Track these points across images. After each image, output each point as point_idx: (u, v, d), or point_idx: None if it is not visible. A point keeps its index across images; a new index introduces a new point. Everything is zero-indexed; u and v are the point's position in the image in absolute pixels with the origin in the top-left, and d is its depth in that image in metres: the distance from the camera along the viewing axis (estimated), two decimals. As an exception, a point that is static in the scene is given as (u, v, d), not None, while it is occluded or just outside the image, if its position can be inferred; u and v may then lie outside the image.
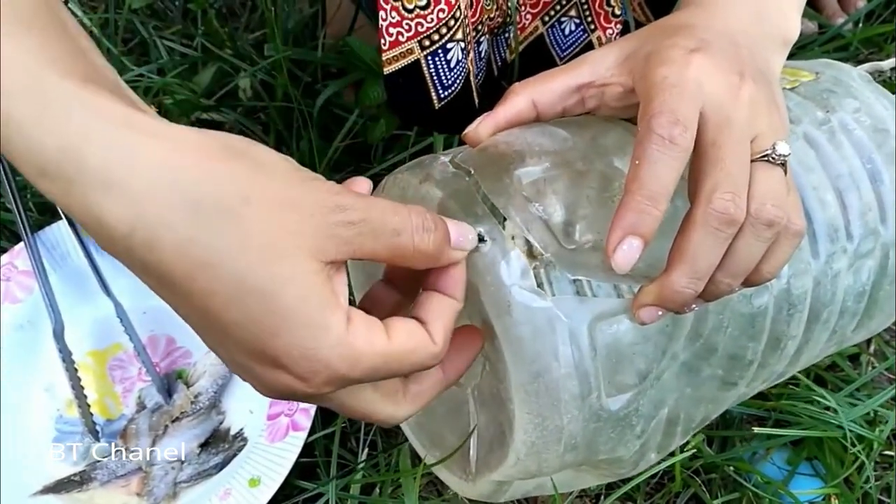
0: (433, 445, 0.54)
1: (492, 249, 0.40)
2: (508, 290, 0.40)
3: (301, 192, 0.31)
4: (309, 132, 0.70)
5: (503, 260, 0.40)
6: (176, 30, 0.80)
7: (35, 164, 0.29)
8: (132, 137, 0.29)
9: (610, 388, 0.42)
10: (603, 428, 0.43)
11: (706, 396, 0.48)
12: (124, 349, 0.64)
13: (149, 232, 0.29)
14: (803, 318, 0.49)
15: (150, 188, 0.29)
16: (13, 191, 0.62)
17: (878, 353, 0.66)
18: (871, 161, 0.50)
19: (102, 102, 0.29)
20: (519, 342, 0.40)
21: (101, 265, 0.64)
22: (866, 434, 0.58)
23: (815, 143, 0.49)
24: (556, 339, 0.40)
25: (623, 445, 0.45)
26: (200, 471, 0.59)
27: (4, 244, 0.67)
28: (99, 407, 0.62)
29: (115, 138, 0.29)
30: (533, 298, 0.40)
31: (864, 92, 0.53)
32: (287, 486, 0.56)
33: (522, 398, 0.41)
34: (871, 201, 0.50)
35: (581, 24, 0.66)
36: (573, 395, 0.41)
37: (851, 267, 0.50)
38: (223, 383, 0.62)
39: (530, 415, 0.42)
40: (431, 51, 0.54)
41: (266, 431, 0.58)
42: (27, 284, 0.63)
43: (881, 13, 0.83)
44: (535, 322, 0.40)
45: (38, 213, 0.69)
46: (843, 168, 0.49)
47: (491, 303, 0.41)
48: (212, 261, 0.29)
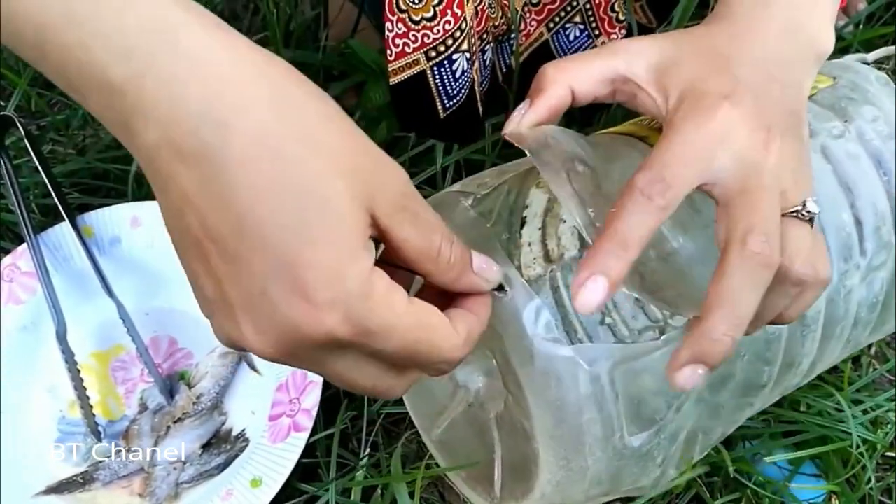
0: (460, 469, 0.55)
1: (513, 299, 0.41)
2: (531, 341, 0.41)
3: (381, 154, 0.33)
4: (311, 134, 0.70)
5: (524, 310, 0.41)
6: (178, 32, 0.80)
7: (118, 45, 0.29)
8: (226, 33, 0.30)
9: (632, 427, 0.43)
10: (626, 464, 0.44)
11: (723, 417, 0.48)
12: (127, 350, 0.64)
13: (224, 113, 0.29)
14: (817, 336, 0.49)
15: (237, 72, 0.29)
16: (16, 192, 0.63)
17: (879, 355, 0.66)
18: (887, 172, 0.49)
19: (196, 5, 0.30)
20: (543, 390, 0.41)
21: (104, 267, 0.64)
22: (871, 437, 0.58)
23: (831, 156, 0.49)
24: (579, 387, 0.41)
25: (645, 476, 0.46)
26: (202, 471, 0.59)
27: (7, 245, 0.67)
28: (101, 408, 0.62)
29: (209, 30, 0.30)
30: (555, 348, 0.41)
31: (881, 97, 0.52)
32: (289, 487, 0.56)
33: (547, 442, 0.42)
34: (886, 214, 0.49)
35: (586, 29, 0.66)
36: (597, 438, 0.42)
37: (864, 280, 0.49)
38: (225, 384, 0.62)
39: (555, 457, 0.43)
40: (437, 62, 0.55)
41: (268, 432, 0.59)
42: (30, 286, 0.63)
43: (882, 15, 0.83)
44: (558, 371, 0.41)
45: (41, 214, 0.69)
46: (860, 181, 0.49)
47: (514, 351, 0.42)
48: (282, 154, 0.29)
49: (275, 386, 0.61)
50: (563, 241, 0.59)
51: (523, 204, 0.56)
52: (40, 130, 0.75)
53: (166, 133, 0.29)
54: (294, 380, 0.60)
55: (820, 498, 0.58)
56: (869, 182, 0.49)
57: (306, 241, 0.30)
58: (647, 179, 0.35)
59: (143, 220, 0.65)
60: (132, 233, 0.65)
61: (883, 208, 0.49)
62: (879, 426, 0.60)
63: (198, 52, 0.29)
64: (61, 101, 0.78)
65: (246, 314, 0.31)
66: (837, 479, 0.57)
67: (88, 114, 0.73)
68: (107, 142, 0.74)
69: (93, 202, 0.69)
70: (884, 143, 0.50)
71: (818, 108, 0.51)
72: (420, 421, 0.58)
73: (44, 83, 0.79)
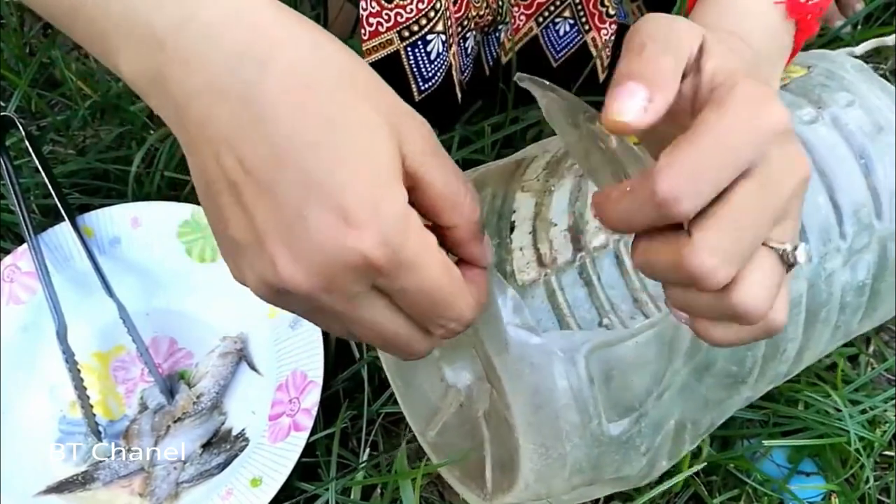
0: (453, 465, 0.55)
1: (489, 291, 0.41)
2: (504, 329, 0.41)
3: (408, 106, 0.34)
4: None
5: (498, 299, 0.41)
6: (178, 33, 0.81)
7: None
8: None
9: (611, 413, 0.43)
10: (606, 452, 0.44)
11: (711, 404, 0.49)
12: (127, 350, 0.64)
13: (262, 52, 0.30)
14: (800, 320, 0.49)
15: (276, 17, 0.31)
16: (17, 193, 0.63)
17: (878, 354, 0.66)
18: (864, 155, 0.49)
19: None
20: (518, 377, 0.41)
21: (104, 267, 0.64)
22: (870, 436, 0.58)
23: (805, 142, 0.49)
24: (554, 373, 0.41)
25: (628, 465, 0.46)
26: (202, 471, 0.59)
27: (8, 246, 0.67)
28: (102, 408, 0.62)
29: None
30: (528, 336, 0.41)
31: (857, 83, 0.52)
32: (289, 486, 0.56)
33: (525, 430, 0.43)
34: (865, 197, 0.49)
35: (576, 24, 0.66)
36: (574, 425, 0.42)
37: (847, 263, 0.49)
38: (225, 384, 0.62)
39: (534, 445, 0.43)
40: (411, 42, 0.54)
41: (268, 432, 0.59)
42: (30, 286, 0.63)
43: (879, 15, 0.83)
44: (532, 358, 0.41)
45: (42, 215, 0.69)
46: (836, 166, 0.49)
47: (489, 340, 0.42)
48: (318, 86, 0.31)
49: (275, 386, 0.61)
50: (556, 245, 0.60)
51: (510, 209, 0.56)
52: (41, 131, 0.75)
53: (207, 76, 0.30)
54: (294, 380, 0.60)
55: (818, 496, 0.58)
56: (845, 166, 0.49)
57: (344, 165, 0.30)
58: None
59: (144, 220, 0.66)
60: (132, 233, 0.65)
61: (861, 192, 0.49)
62: (878, 425, 0.60)
63: (245, 2, 0.31)
64: (61, 101, 0.78)
65: (281, 243, 0.31)
66: (836, 477, 0.57)
67: (89, 114, 0.74)
68: (107, 142, 0.74)
69: (93, 202, 0.69)
70: (860, 126, 0.50)
71: (791, 96, 0.51)
72: (415, 423, 0.58)
73: (44, 84, 0.79)
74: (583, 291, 0.56)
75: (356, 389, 0.62)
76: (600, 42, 0.67)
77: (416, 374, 0.57)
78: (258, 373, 0.63)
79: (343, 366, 0.63)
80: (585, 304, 0.59)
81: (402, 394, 0.58)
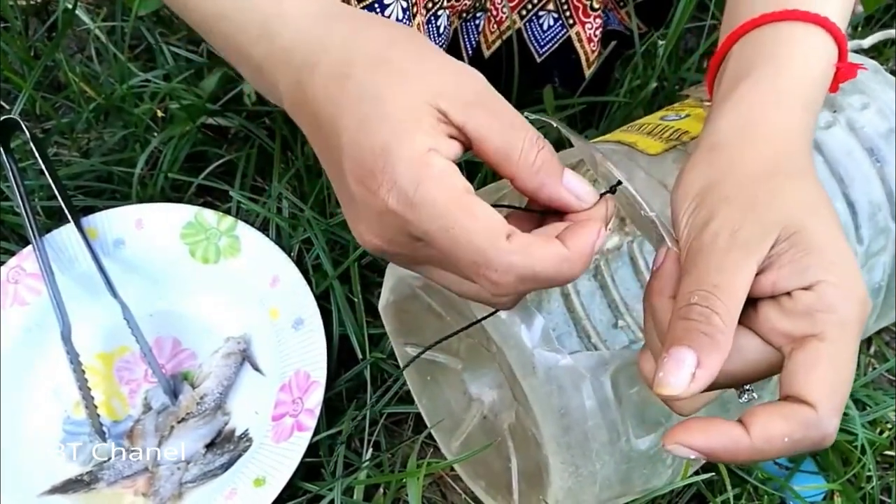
0: (478, 475, 0.55)
1: (510, 314, 0.42)
2: (531, 353, 0.41)
3: (454, 62, 0.37)
4: (313, 136, 0.71)
5: (524, 324, 0.42)
6: (181, 36, 0.81)
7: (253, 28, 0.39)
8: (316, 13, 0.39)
9: (638, 430, 0.44)
10: (635, 467, 0.44)
11: (731, 412, 0.49)
12: (131, 351, 0.64)
13: (309, 57, 0.37)
14: None
15: (313, 31, 0.38)
16: (22, 195, 0.63)
17: (878, 355, 0.66)
18: (880, 158, 0.50)
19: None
20: (547, 399, 0.42)
21: (108, 268, 0.64)
22: (874, 438, 0.58)
23: (822, 147, 0.49)
24: (581, 394, 0.42)
25: (656, 477, 0.46)
26: (206, 471, 0.59)
27: (13, 247, 0.68)
28: (106, 408, 0.62)
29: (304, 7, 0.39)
30: (555, 359, 0.41)
31: (871, 84, 0.52)
32: (292, 486, 0.57)
33: (555, 450, 0.43)
34: (881, 200, 0.49)
35: (559, 18, 0.66)
36: (603, 443, 0.42)
37: (864, 266, 0.49)
38: (228, 385, 0.62)
39: (564, 464, 0.43)
40: (367, 4, 0.53)
41: (271, 432, 0.59)
42: (35, 287, 0.64)
43: (880, 17, 0.83)
44: (560, 380, 0.41)
45: (46, 216, 0.70)
46: (852, 170, 0.49)
47: (517, 364, 0.42)
48: (349, 76, 0.35)
49: (278, 386, 0.61)
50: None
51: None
52: (45, 133, 0.76)
53: (285, 88, 0.39)
54: (297, 380, 0.60)
55: (819, 496, 0.58)
56: (862, 170, 0.49)
57: (364, 132, 0.34)
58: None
59: (147, 222, 0.66)
60: (136, 234, 0.66)
61: (877, 195, 0.49)
62: (878, 425, 0.61)
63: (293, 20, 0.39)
64: (66, 104, 0.78)
65: (349, 214, 0.37)
66: (837, 477, 0.58)
67: (93, 117, 0.74)
68: (111, 145, 0.74)
69: (97, 204, 0.70)
70: (875, 128, 0.50)
71: None
72: (440, 435, 0.58)
73: (48, 87, 0.80)
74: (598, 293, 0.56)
75: (359, 390, 0.63)
76: (584, 37, 0.66)
77: (440, 387, 0.57)
78: (261, 373, 0.63)
79: (346, 366, 0.63)
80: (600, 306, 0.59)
81: (425, 405, 0.59)
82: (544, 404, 0.42)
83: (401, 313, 0.54)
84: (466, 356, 0.55)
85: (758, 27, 0.42)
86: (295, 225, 0.68)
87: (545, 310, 0.58)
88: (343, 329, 0.63)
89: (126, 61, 0.76)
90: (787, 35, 0.41)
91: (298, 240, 0.67)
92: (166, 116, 0.75)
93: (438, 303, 0.49)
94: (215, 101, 0.75)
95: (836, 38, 0.42)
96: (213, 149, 0.74)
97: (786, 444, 0.31)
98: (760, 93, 0.39)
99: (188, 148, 0.72)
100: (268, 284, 0.64)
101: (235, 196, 0.69)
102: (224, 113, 0.75)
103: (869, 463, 0.57)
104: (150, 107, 0.74)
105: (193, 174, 0.71)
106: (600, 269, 0.59)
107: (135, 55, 0.82)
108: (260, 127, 0.75)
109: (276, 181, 0.70)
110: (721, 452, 0.31)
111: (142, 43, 0.82)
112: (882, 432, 0.60)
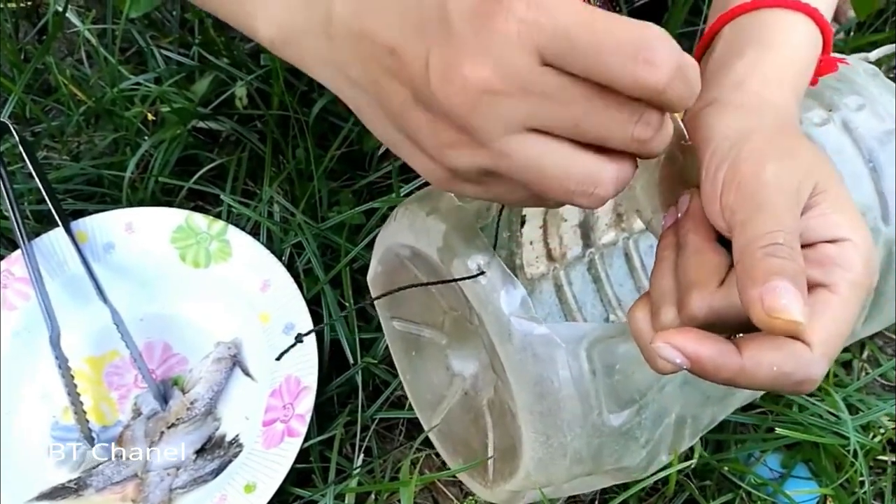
0: (457, 453, 0.55)
1: (490, 281, 0.42)
2: (508, 320, 0.41)
3: None
4: (305, 140, 0.71)
5: (502, 290, 0.41)
6: (173, 39, 0.81)
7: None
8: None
9: (612, 404, 0.43)
10: (606, 442, 0.44)
11: (712, 399, 0.49)
12: (121, 356, 0.64)
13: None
14: None
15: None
16: (11, 198, 0.63)
17: (872, 359, 0.66)
18: (872, 159, 0.50)
19: None
20: (521, 367, 0.42)
21: (98, 272, 0.64)
22: (866, 442, 0.58)
23: (814, 143, 0.49)
24: (556, 363, 0.42)
25: (628, 456, 0.46)
26: (196, 477, 0.59)
27: (1, 251, 0.67)
28: (95, 413, 0.62)
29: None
30: (532, 325, 0.41)
31: (868, 87, 0.52)
32: (283, 492, 0.56)
33: (527, 418, 0.43)
34: (872, 201, 0.49)
35: None
36: (575, 415, 0.42)
37: None
38: (219, 390, 0.62)
39: (536, 433, 0.43)
40: None
41: (262, 437, 0.59)
42: (24, 291, 0.63)
43: (872, 22, 0.84)
44: (535, 348, 0.41)
45: (35, 220, 0.69)
46: (844, 169, 0.49)
47: (493, 331, 0.42)
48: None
49: (269, 391, 0.61)
50: (566, 240, 0.60)
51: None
52: (35, 137, 0.75)
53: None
54: (288, 385, 0.60)
55: (812, 501, 0.58)
56: (852, 170, 0.49)
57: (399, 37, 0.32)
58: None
59: (137, 226, 0.66)
60: (126, 238, 0.65)
61: (868, 196, 0.49)
62: (871, 429, 0.61)
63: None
64: (56, 107, 0.78)
65: (447, 56, 0.32)
66: (830, 481, 0.58)
67: (83, 120, 0.74)
68: (101, 148, 0.74)
69: (87, 208, 0.69)
70: (869, 130, 0.50)
71: (803, 98, 0.52)
72: (420, 411, 0.58)
73: (38, 90, 0.79)
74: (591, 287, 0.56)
75: (350, 395, 0.62)
76: None
77: (424, 363, 0.57)
78: (252, 378, 0.63)
79: (337, 371, 0.63)
80: (593, 300, 0.59)
81: (409, 381, 0.59)
82: (519, 372, 0.42)
83: (389, 286, 0.54)
84: (451, 331, 0.54)
85: (748, 12, 0.43)
86: (286, 229, 0.68)
87: (537, 300, 0.58)
88: (334, 334, 0.63)
89: (117, 64, 0.76)
90: (779, 21, 0.42)
91: (289, 244, 0.67)
92: (157, 120, 0.75)
93: (424, 274, 0.49)
94: (206, 105, 0.75)
95: (822, 30, 0.43)
96: (203, 152, 0.74)
97: (773, 372, 0.31)
98: (756, 73, 0.40)
99: (179, 152, 0.72)
100: (258, 289, 0.64)
101: (226, 200, 0.69)
102: (215, 116, 0.74)
103: (862, 468, 0.57)
104: (141, 110, 0.74)
105: (184, 178, 0.71)
106: (594, 263, 0.59)
107: (125, 58, 0.81)
108: (251, 131, 0.74)
109: (268, 185, 0.70)
110: (706, 362, 0.31)
111: (132, 46, 0.82)
112: (875, 437, 0.60)
